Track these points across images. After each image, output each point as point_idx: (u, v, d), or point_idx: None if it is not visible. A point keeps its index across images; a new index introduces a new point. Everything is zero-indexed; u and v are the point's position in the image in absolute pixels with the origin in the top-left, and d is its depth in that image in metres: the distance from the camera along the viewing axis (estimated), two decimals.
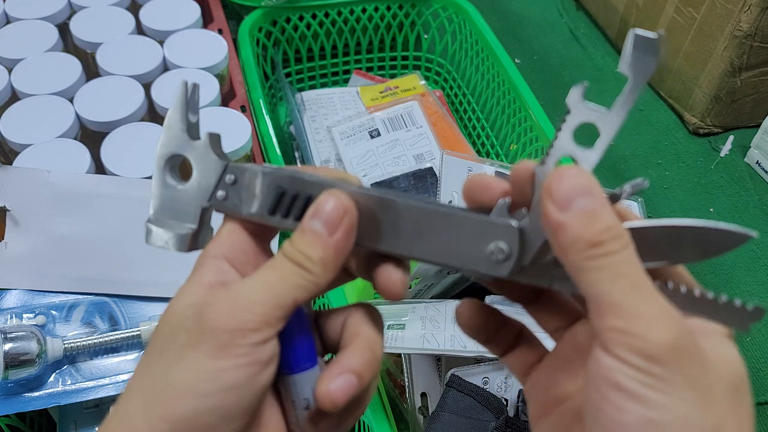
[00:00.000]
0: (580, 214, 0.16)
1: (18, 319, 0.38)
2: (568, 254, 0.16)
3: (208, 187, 0.20)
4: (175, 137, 0.20)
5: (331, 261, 0.18)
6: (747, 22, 0.59)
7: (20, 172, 0.41)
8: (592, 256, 0.15)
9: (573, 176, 0.16)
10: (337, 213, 0.18)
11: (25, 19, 0.52)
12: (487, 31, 0.60)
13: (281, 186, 0.19)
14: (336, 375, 0.18)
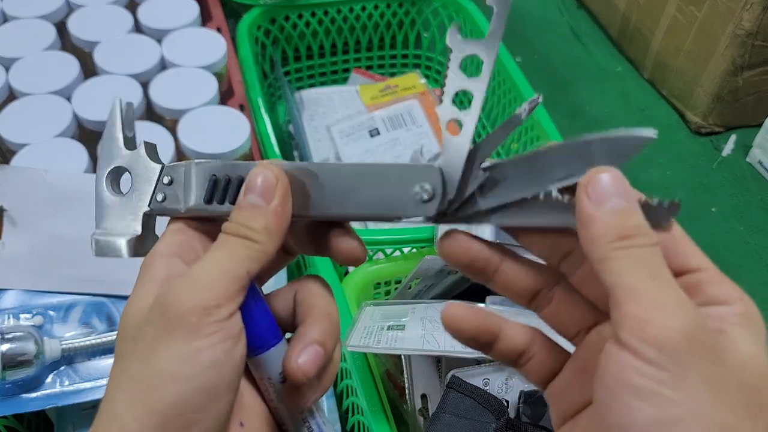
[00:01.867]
0: (614, 210, 0.16)
1: (15, 319, 0.37)
2: (596, 244, 0.16)
3: (147, 192, 0.20)
4: (113, 151, 0.21)
5: (274, 228, 0.19)
6: (749, 21, 0.58)
7: (17, 171, 0.40)
8: (620, 247, 0.16)
9: (612, 178, 0.17)
10: (269, 182, 0.19)
11: (22, 18, 0.51)
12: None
13: (213, 174, 0.20)
14: (302, 348, 0.19)
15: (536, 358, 0.20)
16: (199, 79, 0.48)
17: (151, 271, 0.19)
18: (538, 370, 0.20)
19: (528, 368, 0.20)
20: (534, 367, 0.20)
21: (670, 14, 0.67)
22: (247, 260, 0.18)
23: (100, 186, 0.21)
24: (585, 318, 0.20)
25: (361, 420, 0.37)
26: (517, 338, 0.20)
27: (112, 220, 0.21)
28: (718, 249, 0.57)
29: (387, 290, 0.46)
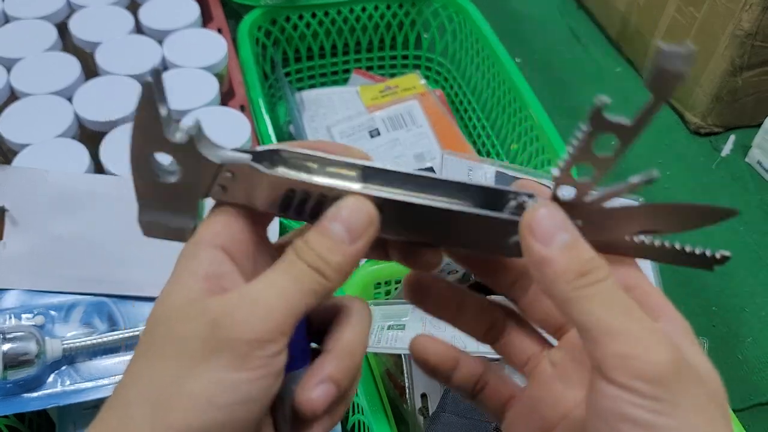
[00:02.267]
0: (564, 247, 0.16)
1: (17, 319, 0.38)
2: (556, 286, 0.16)
3: (201, 183, 0.18)
4: (153, 137, 0.18)
5: (348, 269, 0.18)
6: (748, 21, 0.58)
7: (19, 171, 0.41)
8: (581, 285, 0.16)
9: (549, 213, 0.17)
10: (362, 221, 0.17)
11: (24, 19, 0.51)
12: (488, 31, 0.60)
13: (291, 189, 0.18)
14: (316, 383, 0.18)
15: (489, 386, 0.21)
16: (200, 79, 0.49)
17: (194, 262, 0.17)
18: (491, 399, 0.21)
19: (482, 396, 0.21)
20: (488, 395, 0.21)
21: (669, 15, 0.67)
22: (311, 295, 0.17)
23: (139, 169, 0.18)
24: (533, 345, 0.21)
25: (361, 419, 0.37)
26: (471, 368, 0.21)
27: (157, 203, 0.18)
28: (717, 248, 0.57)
29: (387, 290, 0.46)
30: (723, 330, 0.51)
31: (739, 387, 0.48)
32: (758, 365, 0.49)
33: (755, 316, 0.52)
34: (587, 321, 0.16)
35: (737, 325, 0.52)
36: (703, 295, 0.53)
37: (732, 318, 0.52)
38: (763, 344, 0.50)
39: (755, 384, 0.48)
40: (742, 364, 0.49)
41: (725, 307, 0.53)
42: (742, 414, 0.46)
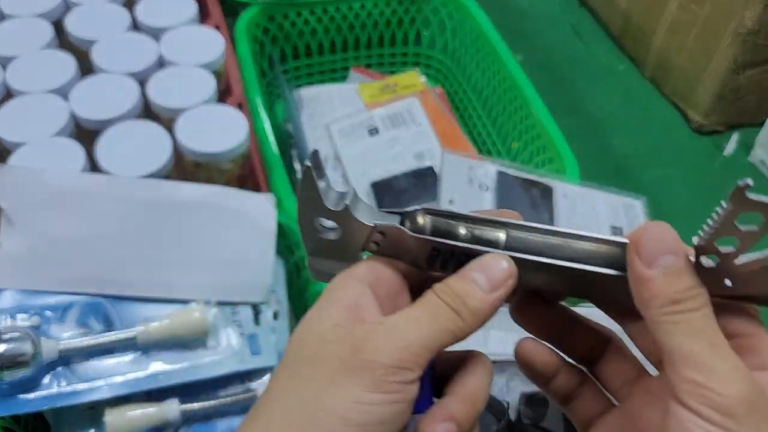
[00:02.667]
0: (665, 271, 0.17)
1: (12, 319, 0.37)
2: (649, 308, 0.17)
3: (357, 242, 0.21)
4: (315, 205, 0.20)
5: (484, 316, 0.19)
6: (751, 19, 0.58)
7: (14, 170, 0.40)
8: (672, 311, 0.17)
9: (660, 234, 0.17)
10: (503, 274, 0.19)
11: (19, 16, 0.51)
12: (488, 28, 0.60)
13: (435, 249, 0.20)
14: (440, 420, 0.19)
15: (582, 398, 0.22)
16: (197, 77, 0.48)
17: (341, 292, 0.19)
18: (581, 412, 0.21)
19: (573, 405, 0.22)
20: (577, 409, 0.22)
21: (671, 12, 0.66)
22: (447, 333, 0.18)
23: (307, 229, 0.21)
24: (630, 371, 0.21)
25: None
26: (571, 377, 0.22)
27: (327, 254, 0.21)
28: None
29: None
30: None
31: None
32: None
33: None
34: (669, 344, 0.17)
35: None
36: None
37: None
38: None
39: None
40: None
41: None
42: None
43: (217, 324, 0.38)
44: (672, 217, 0.60)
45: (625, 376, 0.21)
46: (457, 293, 0.19)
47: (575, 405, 0.22)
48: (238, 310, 0.40)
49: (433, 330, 0.18)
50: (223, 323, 0.39)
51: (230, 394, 0.37)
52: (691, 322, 0.17)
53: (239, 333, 0.39)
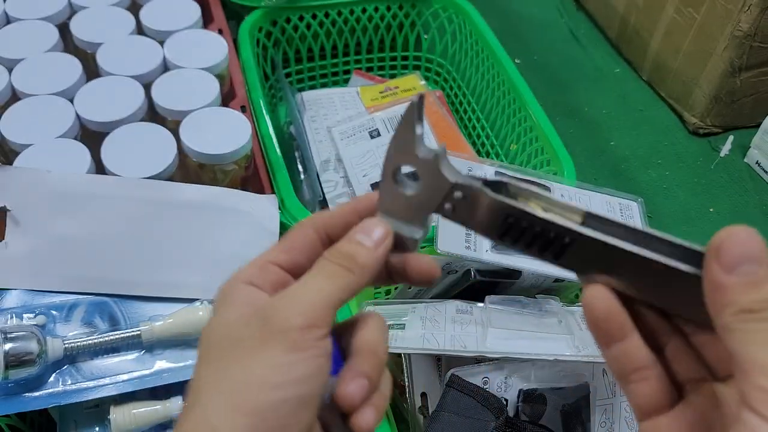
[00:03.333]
0: (744, 280, 0.16)
1: (18, 319, 0.38)
2: (722, 315, 0.17)
3: (434, 198, 0.21)
4: (404, 149, 0.21)
5: (372, 269, 0.21)
6: (747, 22, 0.59)
7: (20, 172, 0.41)
8: (747, 320, 0.16)
9: (744, 240, 0.17)
10: (382, 233, 0.21)
11: (25, 20, 0.52)
12: (487, 32, 0.60)
13: (510, 216, 0.20)
14: (351, 379, 0.21)
15: (649, 382, 0.20)
16: (200, 80, 0.49)
17: (234, 295, 0.21)
18: (644, 397, 0.20)
19: (636, 388, 0.20)
20: (641, 391, 0.20)
21: (668, 16, 0.67)
22: (343, 289, 0.20)
23: (387, 178, 0.22)
24: (697, 371, 0.20)
25: None
26: (641, 352, 0.20)
27: (394, 211, 0.22)
28: None
29: (387, 290, 0.46)
30: None
31: None
32: None
33: None
34: (742, 352, 0.16)
35: None
36: None
37: None
38: None
39: None
40: None
41: None
42: None
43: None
44: (668, 218, 0.61)
45: (692, 373, 0.20)
46: (346, 254, 0.21)
47: (636, 387, 0.20)
48: None
49: (332, 289, 0.20)
50: None
51: None
52: (765, 331, 0.16)
53: None
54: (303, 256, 0.22)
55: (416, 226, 0.22)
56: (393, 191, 0.21)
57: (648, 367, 0.20)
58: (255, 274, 0.22)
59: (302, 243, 0.22)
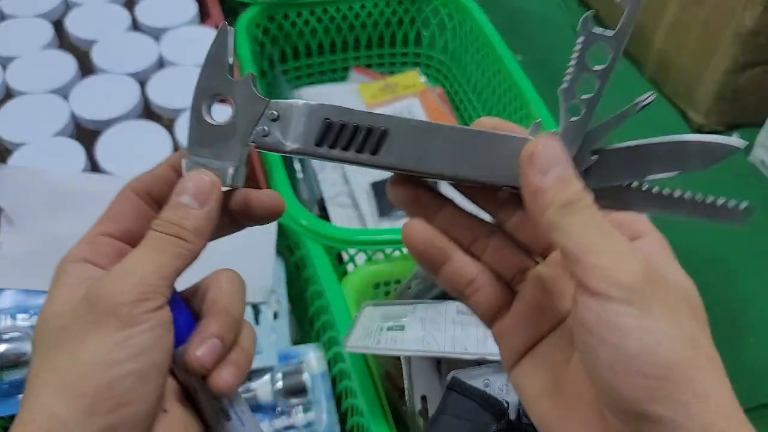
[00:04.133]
0: (557, 180, 0.19)
1: (12, 319, 0.37)
2: (546, 213, 0.18)
3: (248, 124, 0.20)
4: (216, 75, 0.21)
5: (205, 229, 0.20)
6: (751, 20, 0.58)
7: (15, 171, 0.40)
8: (568, 213, 0.18)
9: (550, 148, 0.19)
10: (206, 188, 0.20)
11: (20, 17, 0.51)
12: (488, 28, 0.60)
13: (327, 118, 0.20)
14: (200, 341, 0.20)
15: (482, 291, 0.22)
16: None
17: (66, 275, 0.20)
18: (483, 303, 0.22)
19: (474, 300, 0.22)
20: (480, 300, 0.22)
21: (672, 13, 0.66)
22: (177, 257, 0.20)
23: (198, 111, 0.21)
24: (519, 262, 0.22)
25: (360, 421, 0.36)
26: (466, 267, 0.22)
27: (205, 146, 0.21)
28: (720, 249, 0.56)
29: (387, 290, 0.46)
30: (725, 330, 0.51)
31: (742, 388, 0.47)
32: (761, 366, 0.49)
33: (758, 317, 0.52)
34: (570, 241, 0.18)
35: (740, 325, 0.51)
36: (705, 295, 0.53)
37: (735, 318, 0.52)
38: (766, 345, 0.50)
39: (758, 385, 0.48)
40: (744, 365, 0.49)
41: (728, 308, 0.52)
42: (747, 415, 0.46)
43: None
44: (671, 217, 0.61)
45: (514, 266, 0.22)
46: (172, 221, 0.20)
47: (474, 299, 0.22)
48: None
49: (163, 259, 0.19)
50: None
51: None
52: (585, 218, 0.18)
53: None
54: (131, 222, 0.21)
55: (228, 161, 0.21)
56: (203, 125, 0.21)
57: (477, 278, 0.22)
58: (86, 250, 0.21)
59: (127, 209, 0.21)
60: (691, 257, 0.58)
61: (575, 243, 0.18)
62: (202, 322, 0.21)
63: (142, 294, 0.19)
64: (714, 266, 0.55)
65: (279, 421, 0.37)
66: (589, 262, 0.17)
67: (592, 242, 0.18)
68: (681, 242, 0.70)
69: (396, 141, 0.20)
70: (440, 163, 0.20)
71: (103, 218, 0.21)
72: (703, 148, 0.19)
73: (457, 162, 0.20)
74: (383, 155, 0.20)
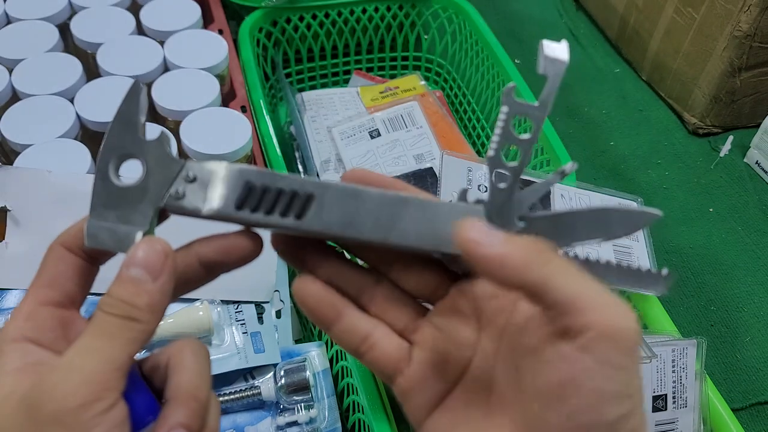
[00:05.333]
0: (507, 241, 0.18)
1: None
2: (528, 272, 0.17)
3: (160, 186, 0.19)
4: (126, 134, 0.19)
5: (160, 305, 0.18)
6: (746, 23, 0.59)
7: (21, 172, 0.41)
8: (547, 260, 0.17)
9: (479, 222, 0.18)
10: (159, 258, 0.18)
11: (25, 20, 0.52)
12: (487, 32, 0.60)
13: (248, 181, 0.19)
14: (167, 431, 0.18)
15: (378, 347, 0.21)
16: (201, 80, 0.49)
17: (4, 360, 0.17)
18: (381, 359, 0.21)
19: (370, 357, 0.21)
20: (377, 356, 0.21)
21: (668, 16, 0.67)
22: (130, 343, 0.17)
23: (104, 171, 0.19)
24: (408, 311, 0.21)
25: (361, 418, 0.37)
26: (358, 323, 0.21)
27: (116, 210, 0.19)
28: (715, 249, 0.57)
29: None
30: (721, 330, 0.52)
31: (738, 386, 0.48)
32: (756, 364, 0.49)
33: (753, 316, 0.53)
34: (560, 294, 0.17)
35: (735, 324, 0.52)
36: (702, 294, 0.54)
37: (730, 318, 0.52)
38: (761, 343, 0.51)
39: (753, 383, 0.48)
40: (740, 363, 0.49)
41: (724, 307, 0.53)
42: (742, 413, 0.46)
43: (221, 322, 0.39)
44: (668, 218, 0.61)
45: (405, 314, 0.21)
46: (123, 299, 0.17)
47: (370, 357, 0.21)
48: (241, 309, 0.40)
49: (114, 348, 0.17)
50: (227, 322, 0.39)
51: (234, 391, 0.38)
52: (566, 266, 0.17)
53: (243, 331, 0.39)
54: (72, 284, 0.19)
55: (138, 225, 0.19)
56: (109, 186, 0.19)
57: (371, 334, 0.20)
58: (25, 327, 0.18)
59: (64, 270, 0.19)
60: (688, 257, 0.59)
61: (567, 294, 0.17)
62: (167, 410, 0.18)
63: (91, 394, 0.16)
64: (709, 265, 0.56)
65: (282, 417, 0.38)
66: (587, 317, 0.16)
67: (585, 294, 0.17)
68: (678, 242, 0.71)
69: (323, 206, 0.19)
70: (368, 229, 0.19)
71: (38, 283, 0.19)
72: (624, 217, 0.20)
73: (385, 229, 0.19)
74: (309, 220, 0.19)
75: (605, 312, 0.16)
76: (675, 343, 0.37)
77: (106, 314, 0.18)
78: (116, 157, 0.19)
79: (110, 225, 0.19)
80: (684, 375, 0.37)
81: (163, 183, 0.19)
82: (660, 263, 0.38)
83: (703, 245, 0.57)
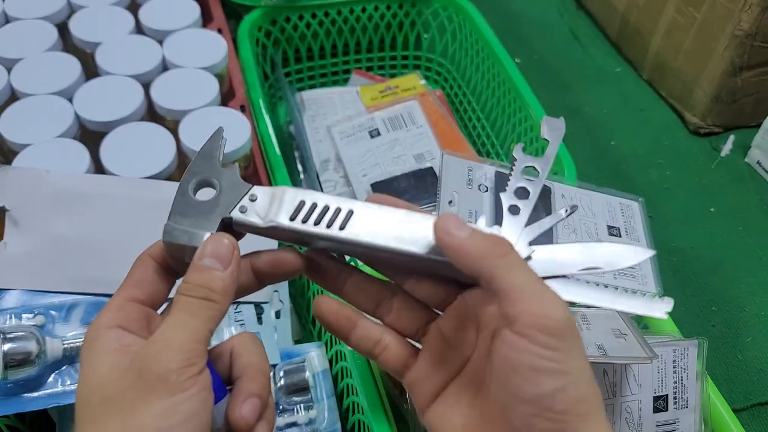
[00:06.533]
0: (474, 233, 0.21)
1: (17, 319, 0.38)
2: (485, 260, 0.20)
3: (229, 202, 0.23)
4: (206, 164, 0.24)
5: (231, 289, 0.22)
6: (747, 22, 0.59)
7: (19, 172, 0.41)
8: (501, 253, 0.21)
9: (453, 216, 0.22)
10: (228, 250, 0.22)
11: (24, 19, 0.52)
12: (487, 31, 0.60)
13: (302, 199, 0.24)
14: (243, 401, 0.22)
15: (389, 348, 0.25)
16: (200, 80, 0.49)
17: (101, 342, 0.21)
18: (392, 359, 0.25)
19: (384, 357, 0.25)
20: (388, 356, 0.25)
21: (669, 15, 0.67)
22: (209, 320, 0.21)
23: (185, 189, 0.24)
24: (420, 317, 0.25)
25: (361, 419, 0.37)
26: (371, 330, 0.25)
27: (190, 218, 0.23)
28: (717, 249, 0.57)
29: None
30: (722, 330, 0.51)
31: (739, 386, 0.48)
32: (758, 365, 0.49)
33: (755, 316, 0.52)
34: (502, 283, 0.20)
35: (736, 324, 0.52)
36: (702, 294, 0.54)
37: (731, 318, 0.52)
38: (762, 344, 0.50)
39: (754, 384, 0.48)
40: (741, 363, 0.49)
41: (725, 307, 0.53)
42: (742, 414, 0.46)
43: (220, 323, 0.39)
44: (669, 217, 0.61)
45: (418, 320, 0.25)
46: (199, 285, 0.21)
47: (382, 357, 0.25)
48: (240, 310, 0.40)
49: (198, 324, 0.21)
50: (226, 322, 0.39)
51: None
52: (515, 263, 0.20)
53: None
54: (155, 287, 0.23)
55: (207, 229, 0.23)
56: (187, 200, 0.23)
57: (382, 338, 0.25)
58: (117, 317, 0.22)
59: (149, 275, 0.23)
60: (689, 257, 0.58)
61: (507, 285, 0.20)
62: (242, 382, 0.23)
63: (187, 360, 0.20)
64: (711, 266, 0.56)
65: (281, 418, 0.38)
66: (522, 307, 0.20)
67: (522, 285, 0.20)
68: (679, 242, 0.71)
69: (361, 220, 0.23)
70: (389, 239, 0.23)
71: (128, 284, 0.23)
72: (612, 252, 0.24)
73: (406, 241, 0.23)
74: (353, 228, 0.23)
75: (536, 301, 0.20)
76: (676, 344, 0.37)
77: (187, 297, 0.21)
78: (195, 180, 0.24)
79: (184, 227, 0.23)
80: (685, 375, 0.37)
81: (231, 201, 0.23)
82: (661, 263, 0.38)
83: (704, 245, 0.57)
